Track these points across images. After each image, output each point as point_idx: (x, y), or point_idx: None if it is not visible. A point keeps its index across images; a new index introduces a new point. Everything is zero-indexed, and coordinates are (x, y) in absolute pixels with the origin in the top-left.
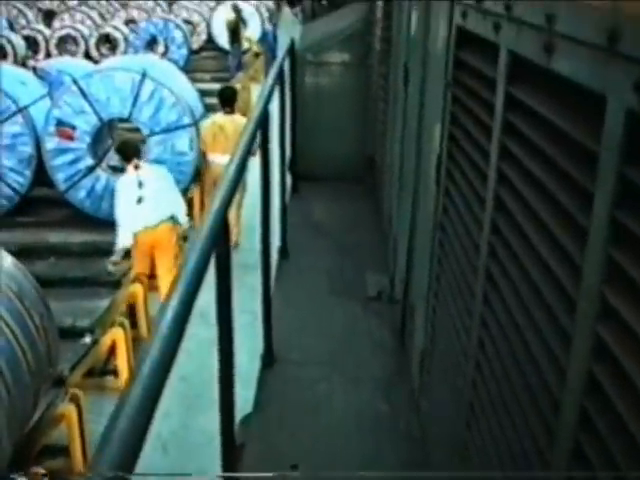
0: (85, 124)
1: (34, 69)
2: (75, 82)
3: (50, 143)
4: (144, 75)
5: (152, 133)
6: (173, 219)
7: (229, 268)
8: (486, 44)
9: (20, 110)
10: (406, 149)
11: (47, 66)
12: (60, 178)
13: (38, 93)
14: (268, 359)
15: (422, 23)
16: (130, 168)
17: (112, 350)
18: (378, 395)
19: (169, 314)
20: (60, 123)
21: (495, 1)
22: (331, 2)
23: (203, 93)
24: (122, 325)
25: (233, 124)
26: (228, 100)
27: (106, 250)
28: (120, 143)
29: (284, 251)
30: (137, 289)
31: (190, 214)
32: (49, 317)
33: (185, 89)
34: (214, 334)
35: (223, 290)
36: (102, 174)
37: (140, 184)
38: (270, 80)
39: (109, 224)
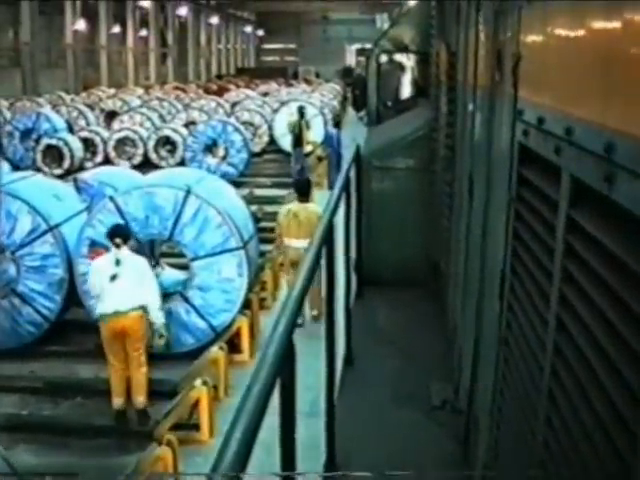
0: None
1: (74, 180)
2: (112, 199)
3: (83, 266)
4: (188, 192)
5: (196, 257)
6: (144, 309)
7: (294, 397)
8: (548, 164)
9: (51, 229)
10: (470, 259)
11: (90, 177)
12: (93, 305)
13: (74, 208)
14: (330, 468)
15: (485, 136)
16: (113, 248)
17: None
18: None
19: (231, 450)
20: (94, 244)
21: (556, 123)
22: (396, 105)
23: (263, 200)
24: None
25: (306, 212)
26: (303, 190)
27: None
28: (120, 224)
29: (349, 358)
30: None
31: (237, 346)
32: None
33: (235, 207)
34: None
35: (287, 424)
36: None
37: (117, 262)
38: (337, 190)
39: (149, 358)
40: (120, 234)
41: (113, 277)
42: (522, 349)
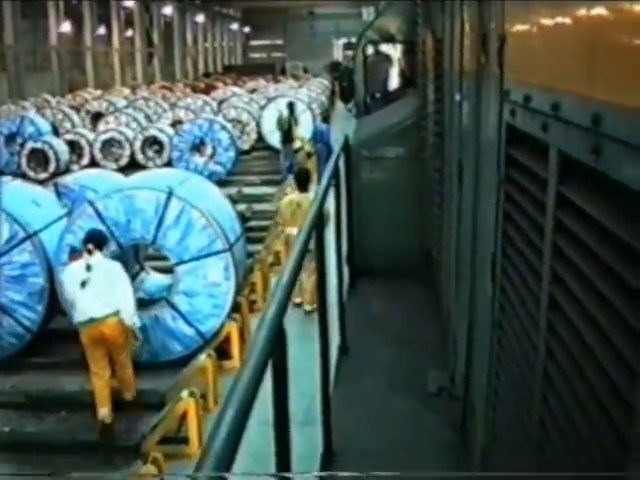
0: None
1: (55, 185)
2: (91, 204)
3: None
4: (170, 194)
5: (180, 261)
6: (118, 314)
7: (286, 379)
8: (536, 142)
9: (29, 236)
10: (461, 244)
11: (71, 181)
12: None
13: (54, 214)
14: (328, 456)
15: (473, 120)
16: (85, 254)
17: None
18: None
19: (223, 429)
20: (74, 251)
21: (543, 100)
22: (384, 96)
23: (252, 199)
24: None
25: (307, 201)
26: (303, 181)
27: (131, 405)
28: (95, 230)
29: (343, 346)
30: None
31: (227, 351)
32: None
33: (220, 207)
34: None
35: (280, 403)
36: None
37: (88, 267)
38: (325, 180)
39: (135, 367)
40: (93, 240)
41: (83, 283)
42: (516, 330)
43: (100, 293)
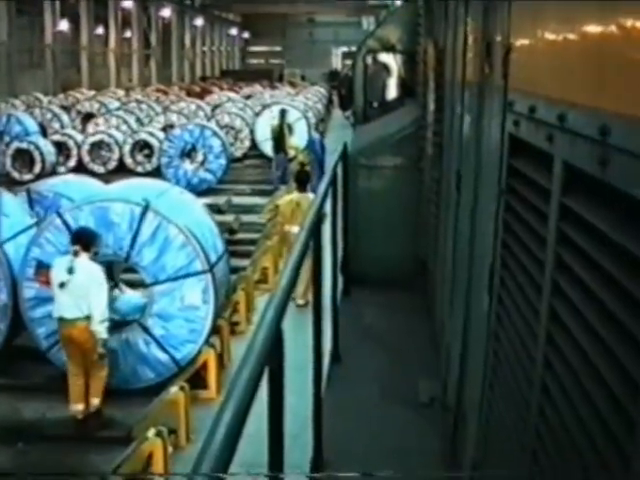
0: None
1: (27, 191)
2: (59, 215)
3: (29, 290)
4: (146, 207)
5: (156, 281)
6: (89, 319)
7: (282, 386)
8: (540, 153)
9: None
10: (458, 255)
11: (44, 187)
12: (41, 334)
13: (22, 224)
14: (317, 466)
15: (474, 130)
16: (70, 254)
17: None
18: None
19: (219, 434)
20: (41, 265)
21: (548, 111)
22: (382, 105)
23: (241, 209)
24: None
25: (306, 200)
26: (302, 181)
27: (97, 439)
28: (82, 229)
29: (336, 354)
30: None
31: (204, 380)
32: None
33: (201, 223)
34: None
35: (275, 413)
36: None
37: (70, 270)
38: (323, 187)
39: (106, 393)
40: (80, 240)
41: (62, 285)
42: (513, 342)
43: (75, 295)
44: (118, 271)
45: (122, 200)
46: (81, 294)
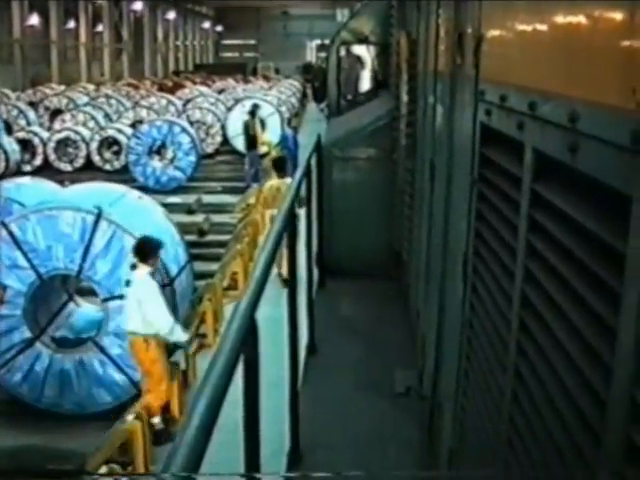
0: (18, 282)
1: None
2: (4, 225)
3: None
4: (99, 215)
5: (111, 296)
6: (134, 334)
7: (258, 373)
8: (511, 141)
9: None
10: (432, 245)
11: None
12: None
13: None
14: (294, 457)
15: (447, 120)
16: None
17: None
18: None
19: (195, 419)
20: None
21: (519, 100)
22: (356, 98)
23: (211, 208)
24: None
25: (285, 186)
26: (280, 167)
27: (43, 474)
28: (141, 240)
29: (312, 346)
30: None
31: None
32: None
33: (161, 232)
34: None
35: (250, 400)
36: (44, 350)
37: (127, 283)
38: (297, 179)
39: (56, 420)
40: (139, 252)
41: (121, 297)
42: (487, 329)
43: (129, 309)
44: (73, 284)
45: (72, 208)
46: (132, 309)
